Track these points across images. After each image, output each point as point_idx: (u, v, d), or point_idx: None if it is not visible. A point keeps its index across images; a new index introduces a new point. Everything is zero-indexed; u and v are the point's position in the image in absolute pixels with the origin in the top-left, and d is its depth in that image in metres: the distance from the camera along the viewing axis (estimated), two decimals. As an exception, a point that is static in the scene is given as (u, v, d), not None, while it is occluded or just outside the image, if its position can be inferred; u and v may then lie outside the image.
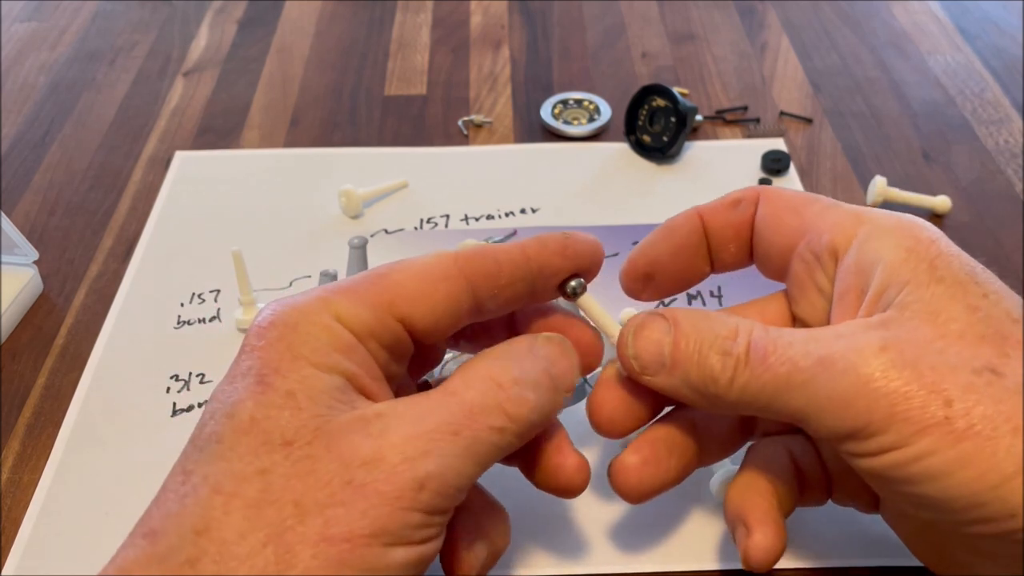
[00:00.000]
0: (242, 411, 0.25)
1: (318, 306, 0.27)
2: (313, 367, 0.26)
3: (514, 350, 0.29)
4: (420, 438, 0.25)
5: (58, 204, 0.51)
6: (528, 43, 0.64)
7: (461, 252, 0.29)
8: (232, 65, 0.62)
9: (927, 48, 0.62)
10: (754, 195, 0.33)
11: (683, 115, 0.51)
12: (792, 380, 0.27)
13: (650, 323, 0.30)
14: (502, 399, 0.27)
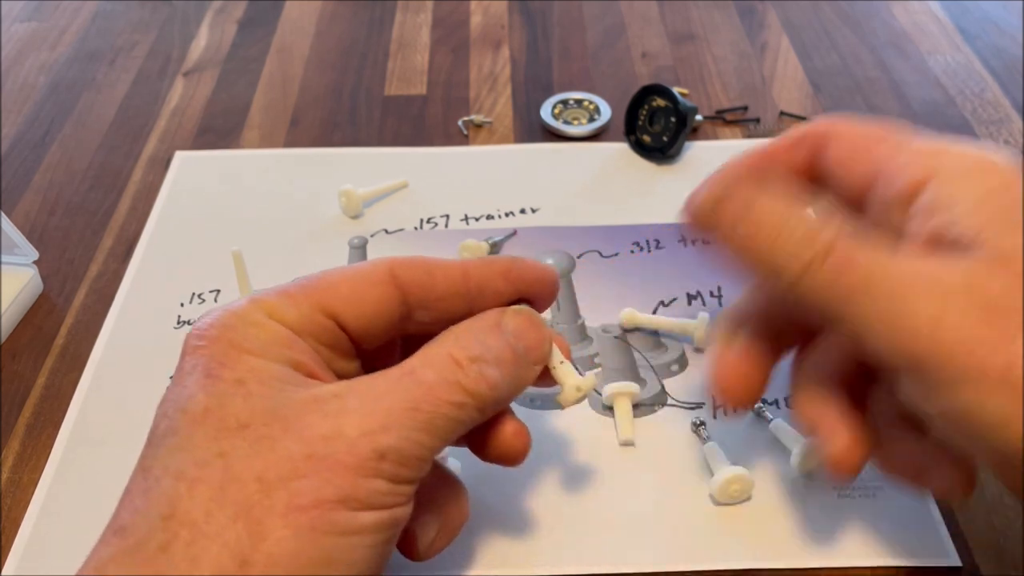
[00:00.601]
0: (194, 404, 0.25)
1: (250, 307, 0.28)
2: (258, 357, 0.26)
3: (478, 325, 0.29)
4: (378, 414, 0.26)
5: (58, 204, 0.51)
6: (528, 43, 0.64)
7: (397, 260, 0.30)
8: (232, 65, 0.62)
9: (927, 48, 0.62)
10: (821, 132, 0.31)
11: (683, 115, 0.51)
12: (860, 302, 0.26)
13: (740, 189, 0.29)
14: (460, 376, 0.27)
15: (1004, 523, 0.35)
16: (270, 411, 0.25)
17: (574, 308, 0.44)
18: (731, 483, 0.35)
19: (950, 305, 0.25)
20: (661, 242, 0.47)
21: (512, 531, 0.35)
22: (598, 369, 0.33)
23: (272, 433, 0.25)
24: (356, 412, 0.25)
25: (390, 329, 0.30)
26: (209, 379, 0.26)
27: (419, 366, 0.27)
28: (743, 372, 0.31)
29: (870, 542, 0.34)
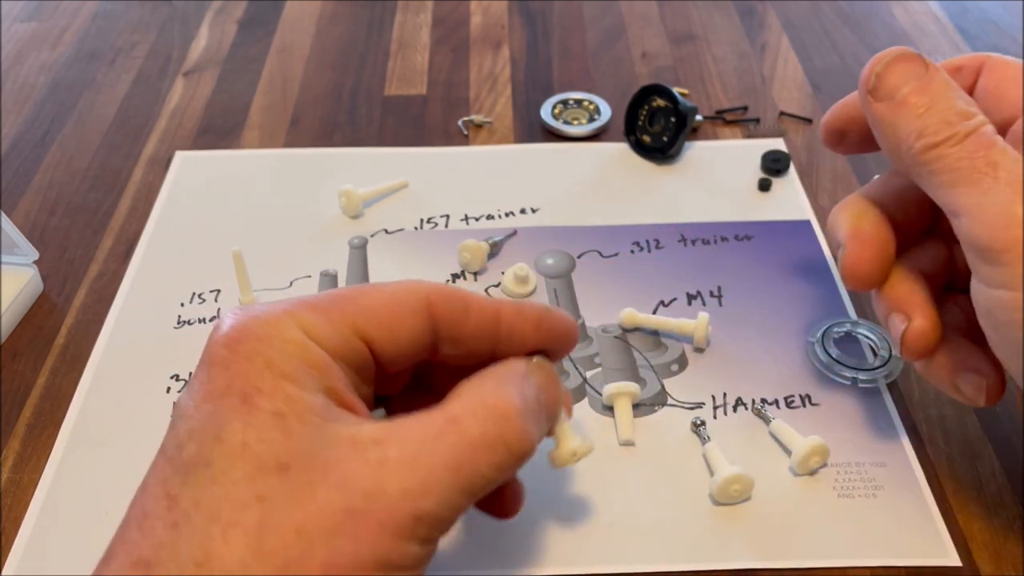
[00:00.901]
0: (230, 433, 0.24)
1: (286, 320, 0.26)
2: (295, 386, 0.25)
3: (512, 375, 0.28)
4: (420, 471, 0.24)
5: (58, 204, 0.51)
6: (528, 43, 0.64)
7: (435, 289, 0.29)
8: (232, 65, 0.62)
9: (927, 48, 0.62)
10: (977, 64, 0.33)
11: (683, 115, 0.51)
12: (979, 182, 0.28)
13: (909, 60, 0.31)
14: (506, 432, 0.26)
15: (1004, 523, 0.35)
16: (310, 453, 0.24)
17: (574, 308, 0.44)
18: (731, 483, 0.35)
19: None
20: (661, 242, 0.47)
21: (512, 531, 0.35)
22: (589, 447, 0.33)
23: (313, 479, 0.24)
24: (397, 466, 0.24)
25: (416, 358, 0.29)
26: (246, 407, 0.24)
27: (464, 416, 0.26)
28: (870, 255, 0.33)
29: (870, 542, 0.34)
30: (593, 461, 0.37)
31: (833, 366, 0.40)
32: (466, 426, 0.26)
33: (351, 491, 0.24)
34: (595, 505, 0.36)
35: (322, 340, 0.26)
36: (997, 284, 0.29)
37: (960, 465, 0.37)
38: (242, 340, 0.26)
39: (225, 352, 0.25)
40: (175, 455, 0.24)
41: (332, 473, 0.24)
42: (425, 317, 0.28)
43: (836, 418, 0.39)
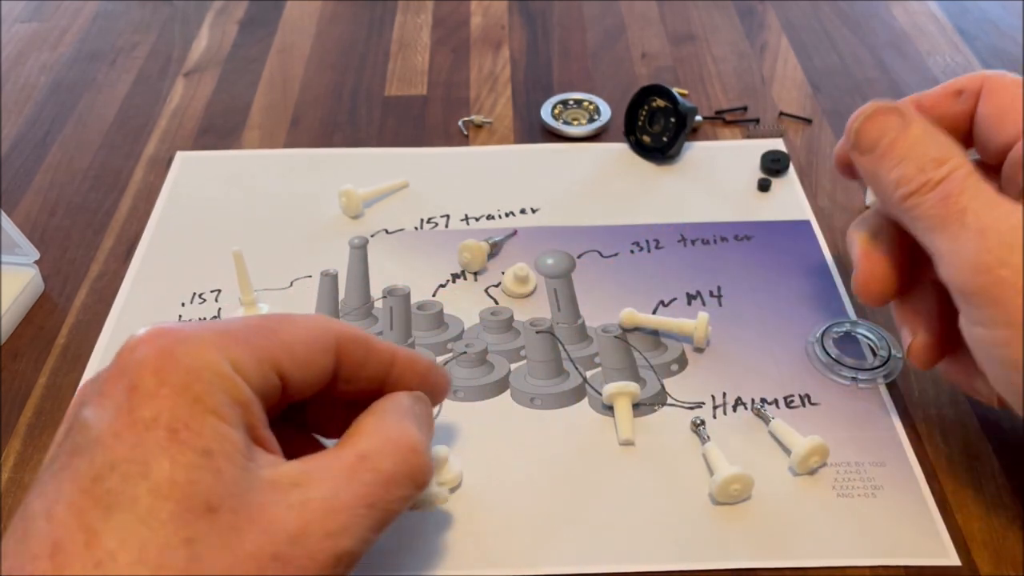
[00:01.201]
0: (158, 471, 0.23)
1: (215, 353, 0.26)
2: (223, 422, 0.25)
3: (403, 408, 0.30)
4: (340, 513, 0.25)
5: (59, 204, 0.51)
6: (528, 43, 0.64)
7: (344, 332, 0.30)
8: (233, 65, 0.62)
9: (926, 48, 0.63)
10: (977, 86, 0.34)
11: (683, 115, 0.51)
12: (950, 229, 0.30)
13: (887, 114, 0.33)
14: (413, 467, 0.28)
15: (1003, 523, 0.35)
16: (237, 495, 0.24)
17: (574, 308, 0.44)
18: (731, 483, 0.35)
19: (1007, 261, 0.29)
20: (661, 242, 0.48)
21: (512, 531, 0.35)
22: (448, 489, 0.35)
23: (239, 522, 0.24)
24: (318, 508, 0.25)
25: (313, 393, 0.30)
26: (175, 444, 0.24)
27: (374, 454, 0.27)
28: (881, 275, 0.35)
29: (870, 542, 0.34)
30: (593, 461, 0.37)
31: (833, 366, 0.41)
32: (378, 463, 0.27)
33: (276, 535, 0.24)
34: (595, 505, 0.36)
35: (246, 375, 0.26)
36: (975, 322, 0.31)
37: (959, 465, 0.37)
38: (170, 370, 0.25)
39: (152, 380, 0.25)
40: (91, 487, 0.23)
41: (257, 517, 0.24)
42: (333, 356, 0.30)
43: (836, 418, 0.39)
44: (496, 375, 0.41)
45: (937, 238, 0.31)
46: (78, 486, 0.23)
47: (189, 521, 0.23)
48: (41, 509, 0.23)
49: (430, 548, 0.34)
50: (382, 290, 0.45)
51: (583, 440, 0.38)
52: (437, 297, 0.45)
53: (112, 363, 0.26)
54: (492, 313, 0.44)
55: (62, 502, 0.23)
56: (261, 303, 0.44)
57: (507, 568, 0.34)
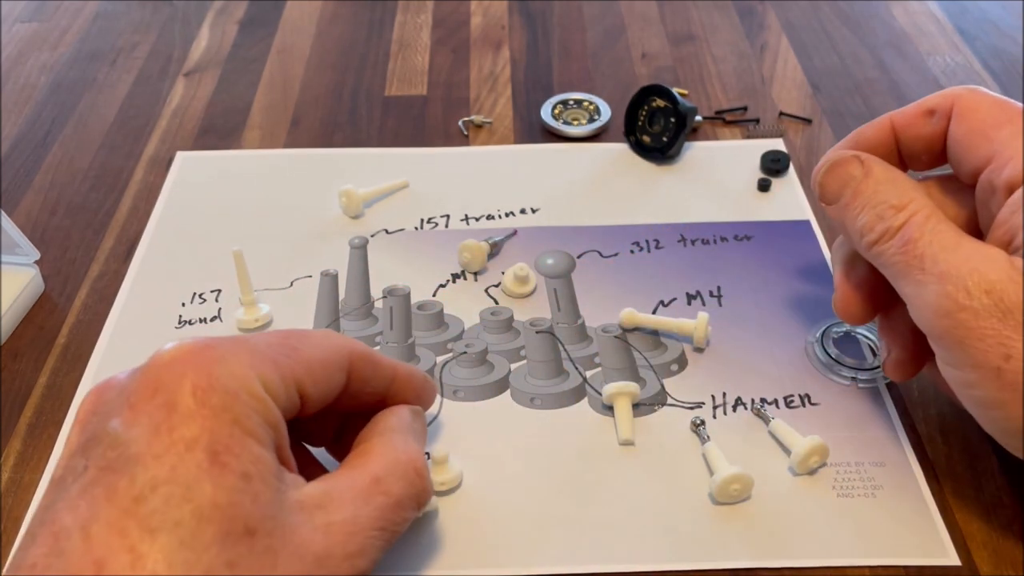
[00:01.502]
0: (200, 495, 0.24)
1: (251, 375, 0.27)
2: (259, 445, 0.26)
3: (405, 426, 0.32)
4: (358, 535, 0.27)
5: (59, 204, 0.51)
6: (528, 43, 0.64)
7: (356, 350, 0.31)
8: (233, 65, 0.62)
9: (926, 49, 0.63)
10: (948, 105, 0.34)
11: (683, 116, 0.51)
12: (912, 276, 0.31)
13: (845, 164, 0.35)
14: (419, 490, 0.30)
15: (1003, 522, 0.35)
16: (273, 518, 0.25)
17: (574, 308, 0.44)
18: (731, 483, 0.35)
19: (968, 308, 0.30)
20: (661, 242, 0.48)
21: (512, 531, 0.35)
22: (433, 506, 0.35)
23: (274, 545, 0.25)
24: (340, 531, 0.27)
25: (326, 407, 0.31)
26: (216, 467, 0.24)
27: (385, 475, 0.29)
28: (859, 298, 0.37)
29: (870, 542, 0.34)
30: (593, 461, 0.37)
31: (832, 366, 0.41)
32: (390, 486, 0.29)
33: (306, 557, 0.25)
34: (595, 505, 0.36)
35: (275, 395, 0.27)
36: (945, 362, 0.32)
37: (959, 464, 0.37)
38: (211, 391, 0.25)
39: (191, 400, 0.25)
40: (133, 507, 0.23)
41: (289, 539, 0.25)
42: (345, 374, 0.31)
43: (835, 418, 0.39)
44: (496, 375, 0.41)
45: (902, 284, 0.32)
46: (118, 505, 0.23)
47: (230, 544, 0.24)
48: (75, 524, 0.23)
49: (430, 548, 0.34)
50: (382, 290, 0.45)
51: (583, 440, 0.38)
52: (437, 297, 0.45)
53: (140, 375, 0.26)
54: (492, 313, 0.44)
55: (100, 520, 0.23)
56: (261, 303, 0.44)
57: (507, 568, 0.34)
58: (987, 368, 0.30)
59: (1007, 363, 0.29)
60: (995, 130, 0.33)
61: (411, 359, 0.42)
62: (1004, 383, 0.29)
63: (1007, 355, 0.29)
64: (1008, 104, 0.34)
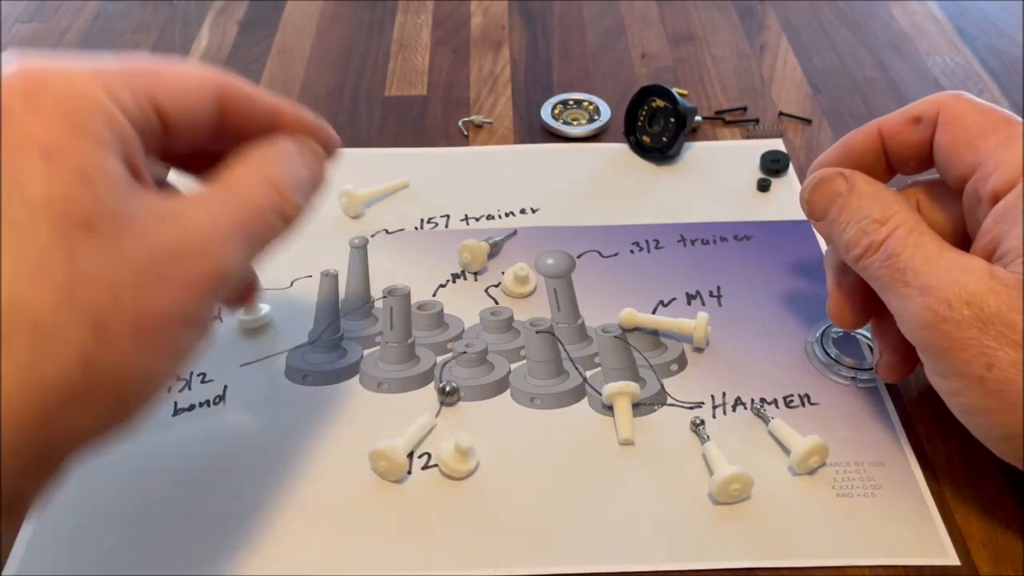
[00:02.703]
0: (33, 189, 0.23)
1: (92, 82, 0.25)
2: (97, 147, 0.24)
3: (285, 152, 0.31)
4: (214, 233, 0.26)
5: (59, 204, 0.51)
6: (528, 44, 0.64)
7: (225, 79, 0.30)
8: (233, 66, 0.62)
9: (926, 49, 0.63)
10: (934, 113, 0.35)
11: (682, 116, 0.51)
12: (896, 289, 0.32)
13: (831, 182, 0.36)
14: (280, 202, 0.29)
15: (1003, 522, 0.35)
16: (115, 215, 0.24)
17: (574, 308, 0.44)
18: (731, 483, 0.35)
19: (950, 319, 0.30)
20: (661, 242, 0.48)
21: (512, 531, 0.35)
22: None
23: (118, 236, 0.24)
24: (196, 230, 0.26)
25: (197, 139, 0.29)
26: (48, 163, 0.23)
27: (244, 187, 0.28)
28: (851, 305, 0.37)
29: (869, 542, 0.34)
30: (593, 461, 0.37)
31: (832, 365, 0.41)
32: (248, 196, 0.28)
33: (157, 251, 0.25)
34: (595, 505, 0.36)
35: (124, 107, 0.26)
36: (932, 371, 0.33)
37: (959, 464, 0.37)
38: (44, 95, 0.24)
39: (23, 105, 0.24)
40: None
41: (138, 233, 0.24)
42: (213, 101, 0.29)
43: (835, 417, 0.39)
44: (496, 375, 0.41)
45: (888, 296, 0.33)
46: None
47: (69, 239, 0.23)
48: None
49: (429, 548, 0.34)
50: (382, 290, 0.45)
51: (583, 440, 0.38)
52: (437, 297, 0.45)
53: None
54: (492, 313, 0.44)
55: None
56: (261, 303, 0.44)
57: (507, 568, 0.34)
58: (971, 377, 0.30)
59: (989, 372, 0.30)
60: (980, 139, 0.33)
61: (411, 359, 0.42)
62: (987, 391, 0.30)
63: (989, 364, 0.30)
64: (993, 112, 0.34)
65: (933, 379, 0.33)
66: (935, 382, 0.33)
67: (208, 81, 0.29)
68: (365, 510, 0.36)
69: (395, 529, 0.35)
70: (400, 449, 0.36)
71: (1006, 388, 0.30)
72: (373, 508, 0.36)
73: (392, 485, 0.37)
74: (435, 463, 0.37)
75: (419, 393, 0.40)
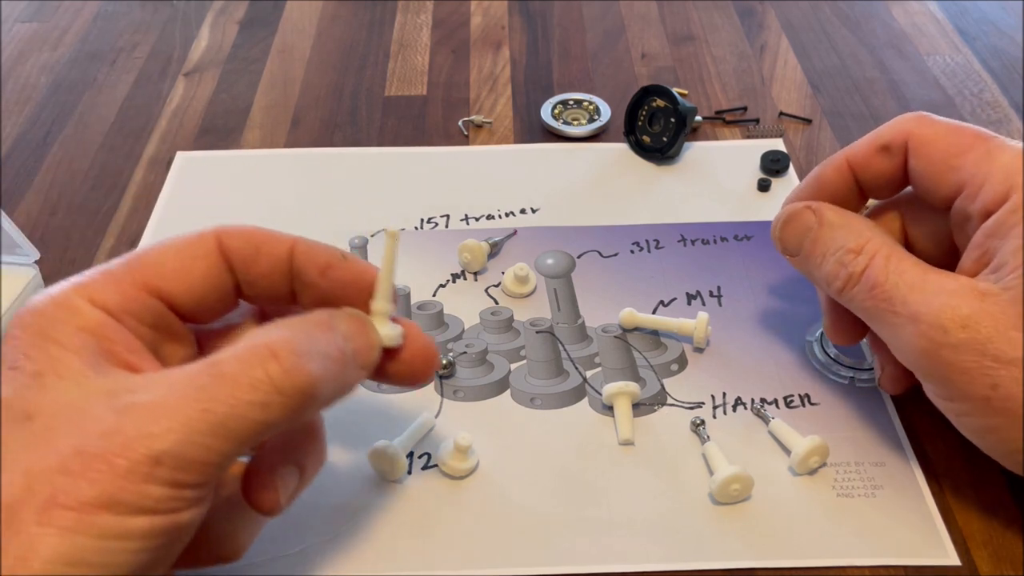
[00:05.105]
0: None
1: (69, 291, 0.27)
2: (61, 348, 0.26)
3: (308, 321, 0.27)
4: (164, 412, 0.24)
5: (59, 204, 0.51)
6: (528, 44, 0.64)
7: (224, 229, 0.29)
8: (233, 66, 0.62)
9: (926, 49, 0.63)
10: (902, 140, 0.34)
11: (683, 116, 0.51)
12: (885, 319, 0.32)
13: (799, 217, 0.35)
14: (272, 371, 0.25)
15: (1003, 523, 0.35)
16: (60, 403, 0.24)
17: (574, 308, 0.44)
18: (731, 483, 0.35)
19: (948, 344, 0.30)
20: (661, 242, 0.48)
21: (512, 531, 0.35)
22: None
23: (55, 425, 0.24)
24: (142, 409, 0.24)
25: (223, 303, 0.29)
26: (11, 371, 0.25)
27: (226, 357, 0.25)
28: (846, 324, 0.37)
29: (870, 542, 0.34)
30: (593, 461, 0.37)
31: (832, 366, 0.41)
32: (225, 368, 0.25)
33: (88, 434, 0.23)
34: (595, 505, 0.36)
35: (105, 302, 0.27)
36: (936, 395, 0.32)
37: (959, 464, 0.37)
38: (27, 315, 0.26)
39: (13, 328, 0.26)
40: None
41: (76, 421, 0.24)
42: (217, 260, 0.28)
43: (835, 418, 0.39)
44: (496, 375, 0.41)
45: (878, 327, 0.33)
46: None
47: (6, 429, 0.24)
48: None
49: (429, 548, 0.34)
50: (382, 290, 0.45)
51: (583, 440, 0.38)
52: (437, 297, 0.45)
53: None
54: (492, 313, 0.44)
55: None
56: (261, 303, 0.44)
57: (507, 568, 0.34)
58: (976, 399, 0.30)
59: (995, 391, 0.30)
60: (958, 159, 0.33)
61: (411, 359, 0.42)
62: (994, 410, 0.30)
63: (993, 384, 0.30)
64: (961, 129, 0.33)
65: (937, 401, 0.33)
66: (939, 404, 0.33)
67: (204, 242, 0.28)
68: (365, 510, 0.36)
69: (395, 529, 0.35)
70: (400, 449, 0.36)
71: (1013, 405, 0.29)
72: (373, 508, 0.36)
73: (392, 485, 0.37)
74: (435, 463, 0.37)
75: (419, 393, 0.40)
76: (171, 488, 0.24)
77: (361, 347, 0.28)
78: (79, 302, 0.27)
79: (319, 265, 0.29)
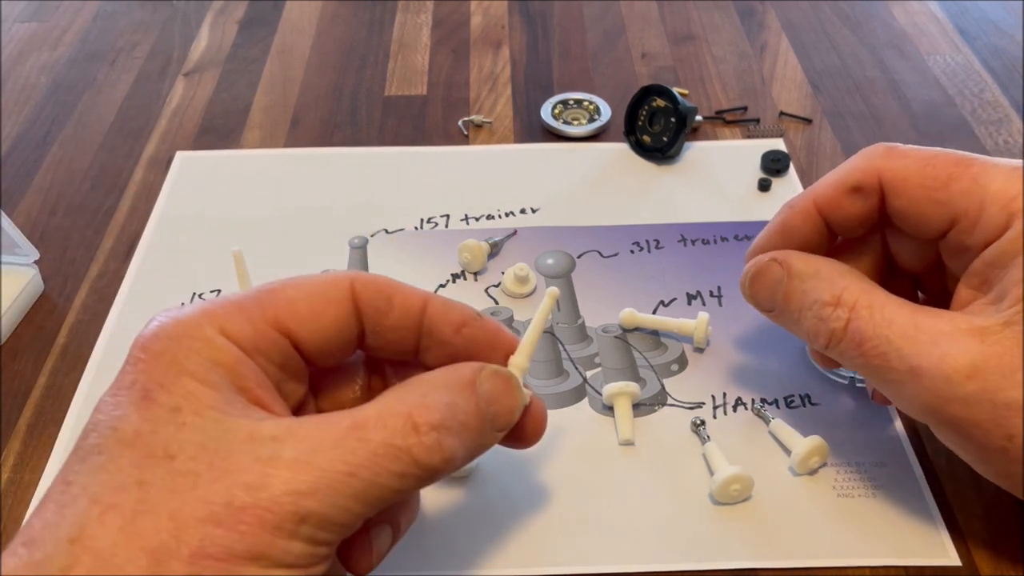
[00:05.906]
0: (126, 425, 0.24)
1: (201, 319, 0.26)
2: (197, 382, 0.25)
3: (452, 380, 0.27)
4: (311, 472, 0.24)
5: (59, 204, 0.51)
6: (528, 43, 0.64)
7: (359, 278, 0.28)
8: (233, 65, 0.62)
9: (926, 48, 0.63)
10: (874, 182, 0.32)
11: (683, 115, 0.51)
12: (882, 375, 0.30)
13: (766, 272, 0.33)
14: (413, 444, 0.25)
15: (1003, 523, 0.35)
16: (201, 445, 0.24)
17: (574, 308, 0.44)
18: (731, 483, 0.35)
19: (956, 398, 0.28)
20: (661, 242, 0.48)
21: (512, 531, 0.35)
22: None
23: (197, 469, 0.24)
24: (288, 465, 0.24)
25: (345, 349, 0.29)
26: (145, 401, 0.25)
27: (372, 422, 0.25)
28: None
29: (870, 542, 0.34)
30: (593, 461, 0.37)
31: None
32: (370, 434, 0.25)
33: (234, 484, 0.24)
34: (595, 505, 0.36)
35: (237, 336, 0.26)
36: (947, 442, 0.31)
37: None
38: (155, 340, 0.26)
39: (138, 352, 0.26)
40: (79, 446, 0.25)
41: (218, 466, 0.24)
42: (349, 307, 0.28)
43: (836, 418, 0.39)
44: (496, 375, 0.41)
45: (876, 383, 0.31)
46: (74, 449, 0.25)
47: (146, 467, 0.24)
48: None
49: (429, 548, 0.34)
50: (382, 290, 0.45)
51: (583, 440, 0.38)
52: (437, 297, 0.45)
53: None
54: (492, 313, 0.44)
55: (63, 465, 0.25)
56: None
57: (507, 568, 0.34)
58: (991, 449, 0.29)
59: (1011, 442, 0.28)
60: (942, 192, 0.31)
61: (411, 359, 0.42)
62: (1011, 458, 0.29)
63: (1009, 435, 0.28)
64: (936, 157, 0.31)
65: (952, 448, 0.31)
66: (955, 451, 0.31)
67: (338, 288, 0.28)
68: (365, 510, 0.36)
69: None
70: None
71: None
72: (373, 508, 0.36)
73: (392, 485, 0.36)
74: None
75: (419, 393, 0.40)
76: (311, 545, 0.24)
77: (502, 411, 0.28)
78: (211, 332, 0.26)
79: (453, 323, 0.29)
